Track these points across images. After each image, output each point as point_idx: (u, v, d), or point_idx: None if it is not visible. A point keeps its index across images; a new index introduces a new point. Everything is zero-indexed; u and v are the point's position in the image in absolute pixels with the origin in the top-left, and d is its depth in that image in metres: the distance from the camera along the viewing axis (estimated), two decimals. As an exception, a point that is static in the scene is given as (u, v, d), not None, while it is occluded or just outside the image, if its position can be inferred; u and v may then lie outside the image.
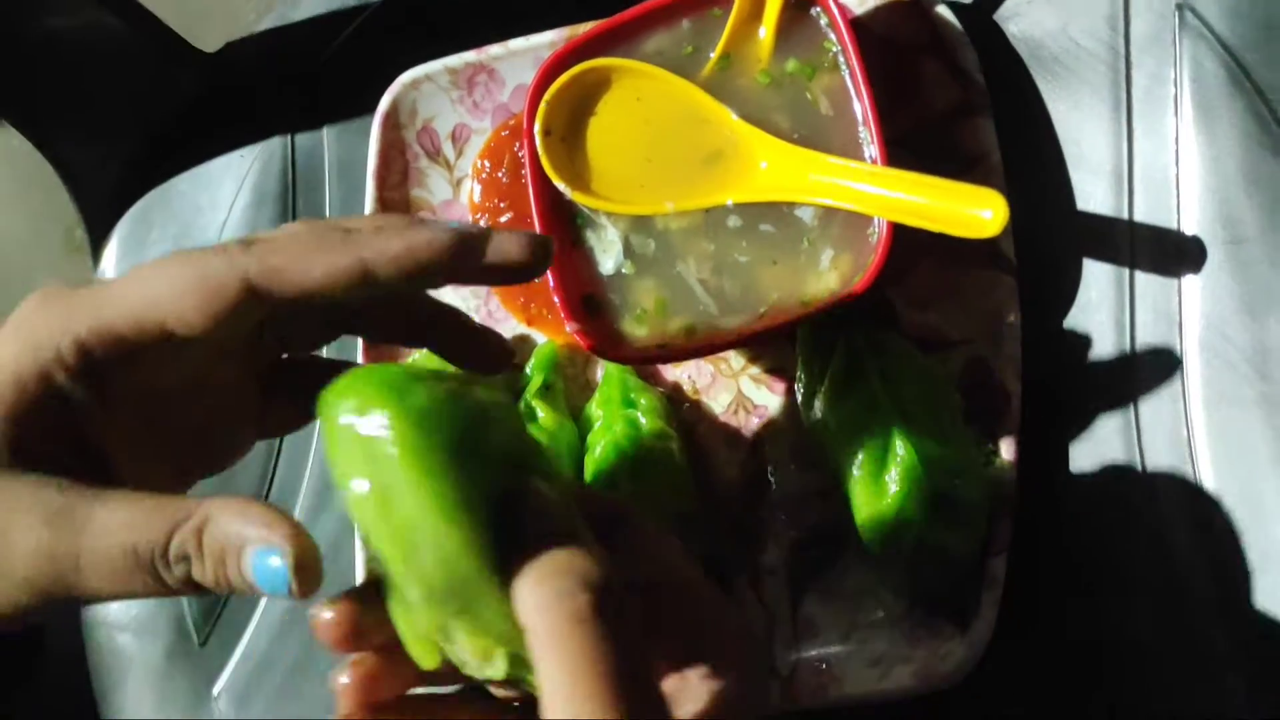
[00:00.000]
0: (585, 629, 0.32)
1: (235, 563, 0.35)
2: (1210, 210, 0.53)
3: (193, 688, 0.68)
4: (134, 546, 0.35)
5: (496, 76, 0.63)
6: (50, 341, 0.37)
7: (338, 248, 0.37)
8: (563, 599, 0.32)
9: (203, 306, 0.37)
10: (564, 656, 0.32)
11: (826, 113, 0.55)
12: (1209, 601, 0.53)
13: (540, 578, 0.33)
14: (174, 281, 0.37)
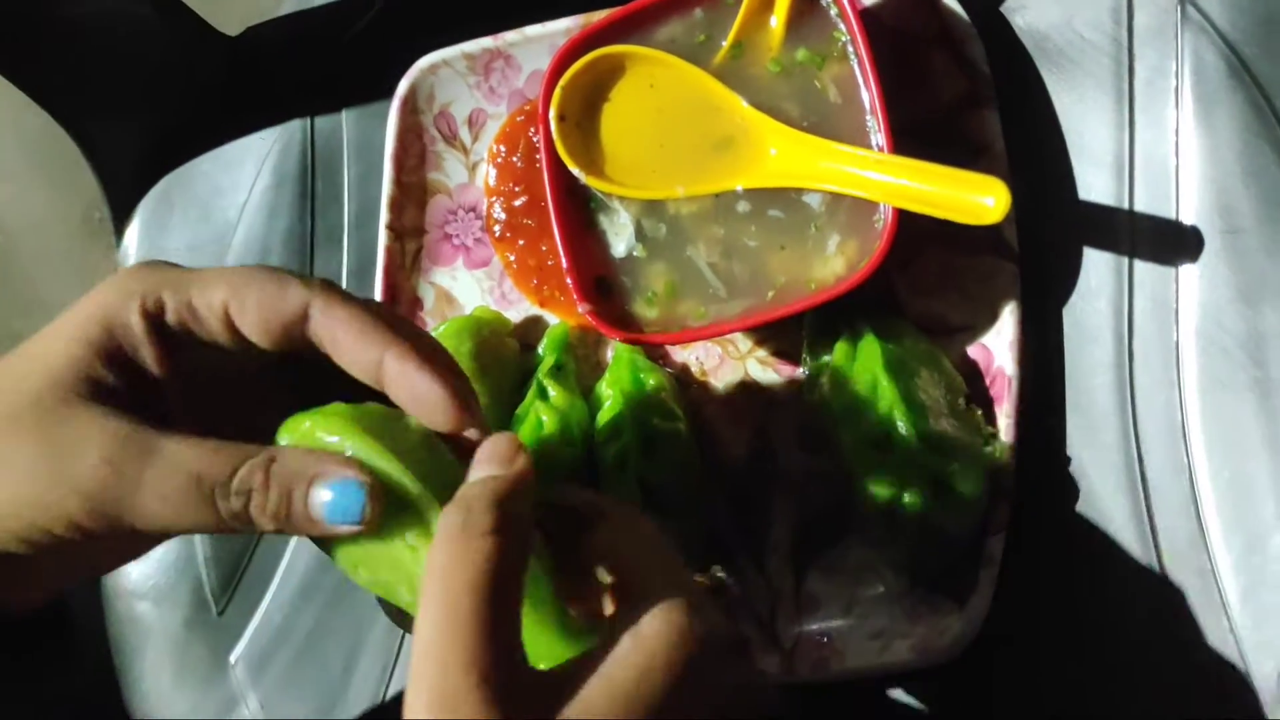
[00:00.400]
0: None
1: (303, 493, 0.39)
2: (1208, 200, 0.54)
3: (211, 656, 0.69)
4: (199, 475, 0.39)
5: (513, 62, 0.64)
6: (140, 296, 0.41)
7: (387, 347, 0.41)
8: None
9: (262, 313, 0.41)
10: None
11: (835, 101, 0.56)
12: (1203, 584, 0.54)
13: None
14: (252, 287, 0.41)
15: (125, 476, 0.39)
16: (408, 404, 0.41)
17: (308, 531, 0.40)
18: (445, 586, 0.35)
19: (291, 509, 0.39)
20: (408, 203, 0.66)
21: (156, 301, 0.41)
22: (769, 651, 0.58)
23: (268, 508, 0.39)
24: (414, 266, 0.66)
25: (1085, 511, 0.56)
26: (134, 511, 0.39)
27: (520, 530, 0.37)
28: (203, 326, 0.41)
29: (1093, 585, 0.56)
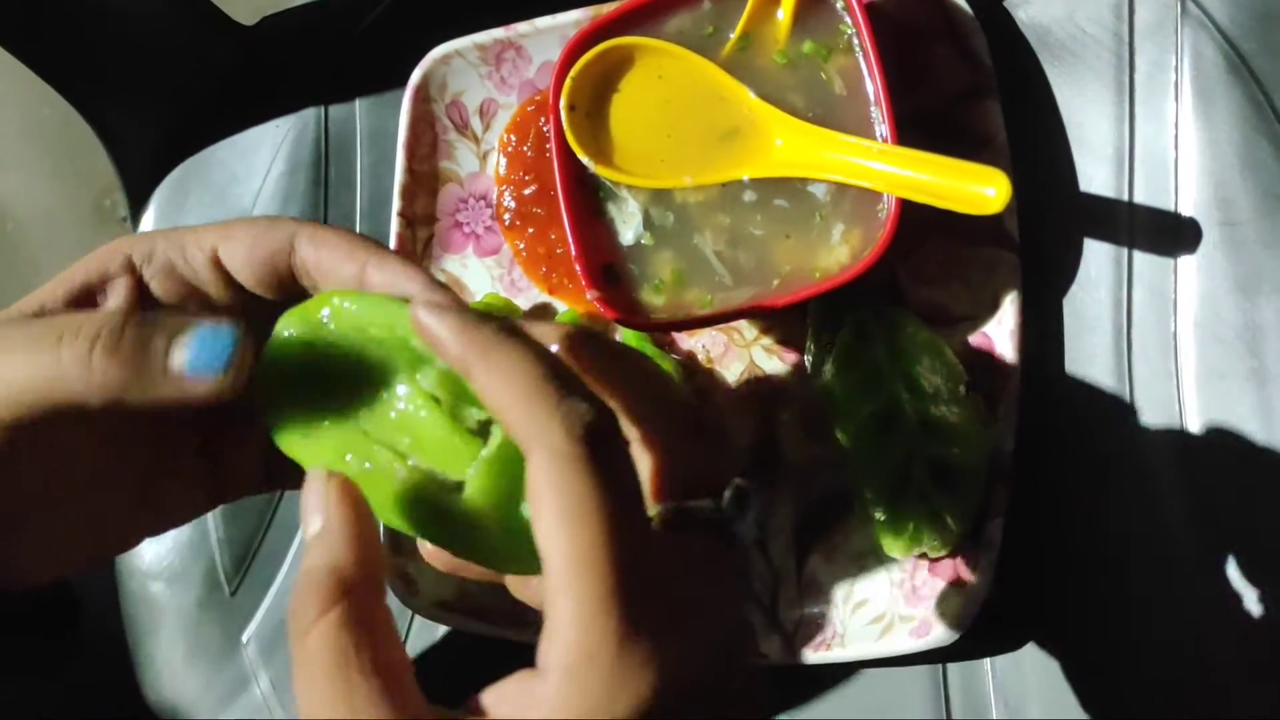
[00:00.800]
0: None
1: (163, 341, 0.37)
2: (1207, 193, 0.55)
3: (223, 635, 0.70)
4: (51, 325, 0.37)
5: (524, 53, 0.65)
6: (130, 247, 0.42)
7: (370, 258, 0.40)
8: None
9: (250, 252, 0.41)
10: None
11: (840, 93, 0.57)
12: (1198, 570, 0.54)
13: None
14: (241, 226, 0.42)
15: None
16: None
17: (163, 388, 0.37)
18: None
19: (146, 353, 0.37)
20: (419, 191, 0.67)
21: (147, 250, 0.41)
22: (771, 634, 0.59)
23: (117, 349, 0.37)
24: (425, 254, 0.67)
25: (1084, 496, 0.57)
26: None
27: (358, 594, 0.35)
28: (192, 267, 0.42)
29: (1091, 569, 0.57)
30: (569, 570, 0.31)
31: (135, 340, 0.37)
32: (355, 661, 0.33)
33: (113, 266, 0.41)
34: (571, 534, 0.31)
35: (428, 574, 0.63)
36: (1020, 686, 0.58)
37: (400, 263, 0.40)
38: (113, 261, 0.42)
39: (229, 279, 0.42)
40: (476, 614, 0.63)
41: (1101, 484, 0.57)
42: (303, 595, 0.34)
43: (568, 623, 0.31)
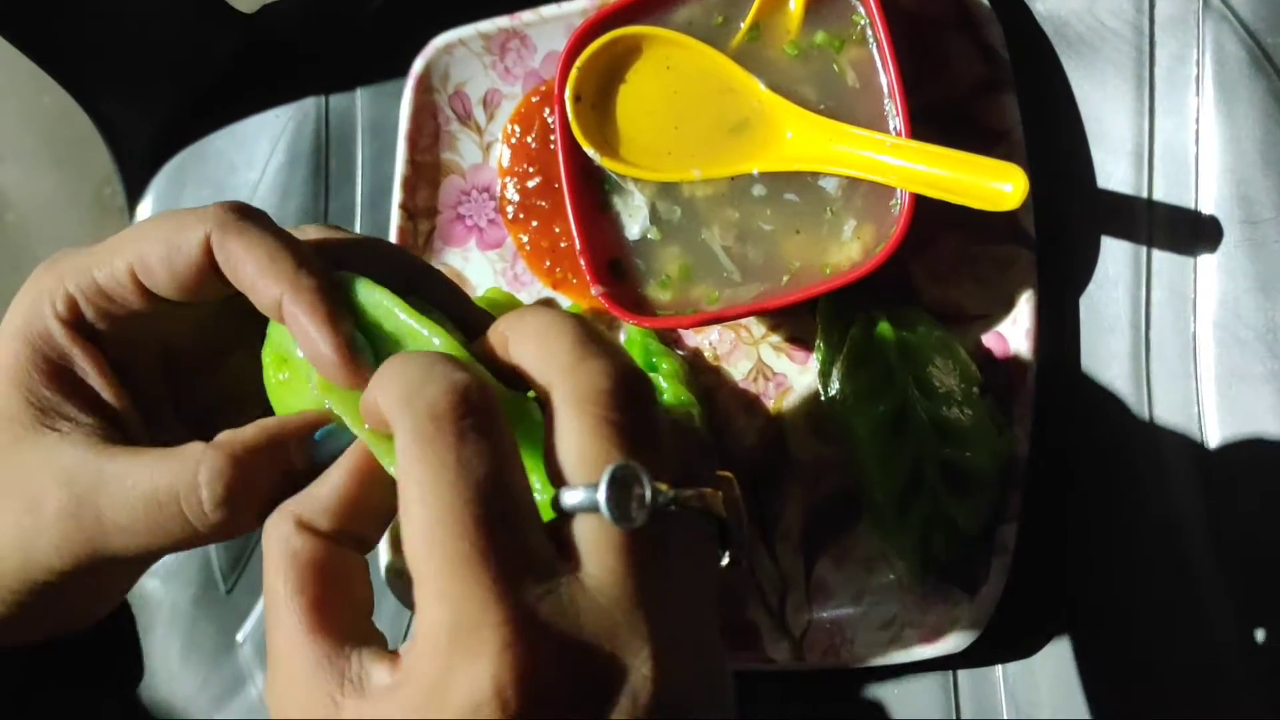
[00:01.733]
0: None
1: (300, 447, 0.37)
2: (1228, 190, 0.54)
3: (219, 634, 0.70)
4: (153, 491, 0.36)
5: (528, 42, 0.64)
6: (48, 300, 0.38)
7: (281, 277, 0.37)
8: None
9: (167, 267, 0.37)
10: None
11: (853, 85, 0.56)
12: (1216, 577, 0.53)
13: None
14: (149, 240, 0.38)
15: (85, 514, 0.37)
16: (305, 353, 0.37)
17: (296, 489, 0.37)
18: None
19: (290, 474, 0.36)
20: (421, 183, 0.66)
21: (66, 298, 0.38)
22: (779, 639, 0.58)
23: (246, 499, 0.36)
24: (426, 247, 0.66)
25: (1099, 501, 0.56)
26: (107, 546, 0.37)
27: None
28: (117, 303, 0.39)
29: (1106, 574, 0.56)
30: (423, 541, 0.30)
31: (262, 485, 0.37)
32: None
33: (57, 335, 0.39)
34: (422, 509, 0.30)
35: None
36: (1032, 693, 0.57)
37: (309, 314, 0.36)
38: (52, 330, 0.39)
39: (163, 301, 0.39)
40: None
41: (1118, 487, 0.56)
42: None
43: (426, 600, 0.30)
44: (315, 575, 0.33)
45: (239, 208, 0.38)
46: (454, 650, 0.29)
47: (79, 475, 0.37)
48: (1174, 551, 0.54)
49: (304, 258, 0.37)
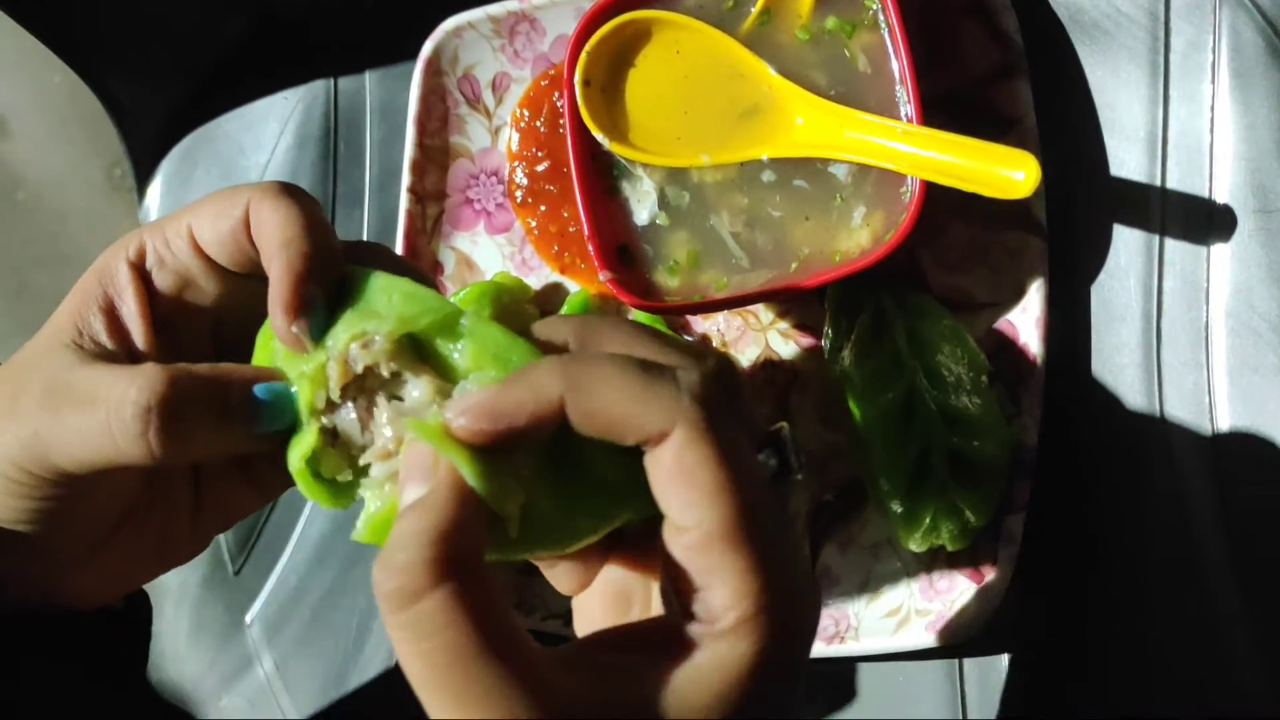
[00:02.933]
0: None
1: (236, 399, 0.38)
2: (1242, 179, 0.54)
3: (227, 615, 0.70)
4: (94, 392, 0.38)
5: (538, 26, 0.64)
6: (125, 244, 0.41)
7: (280, 238, 0.39)
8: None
9: (214, 228, 0.40)
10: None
11: (864, 70, 0.56)
12: (1224, 567, 0.53)
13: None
14: (209, 201, 0.40)
15: (46, 418, 0.38)
16: (269, 307, 0.39)
17: (233, 442, 0.38)
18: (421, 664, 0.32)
19: (211, 416, 0.37)
20: (430, 166, 0.66)
21: (139, 244, 0.41)
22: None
23: (175, 427, 0.37)
24: (435, 231, 0.66)
25: (1108, 491, 0.56)
26: (54, 446, 0.38)
27: (473, 566, 0.33)
28: (175, 257, 0.41)
29: (1115, 564, 0.56)
30: (730, 533, 0.33)
31: (189, 416, 0.37)
32: (480, 643, 0.31)
33: (120, 273, 0.41)
34: (735, 496, 0.33)
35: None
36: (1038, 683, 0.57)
37: (281, 270, 0.38)
38: (117, 267, 0.41)
39: (211, 261, 0.41)
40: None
41: (1127, 478, 0.56)
42: (407, 561, 0.32)
43: (741, 576, 0.33)
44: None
45: (287, 185, 0.40)
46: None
47: (59, 374, 0.39)
48: (1183, 541, 0.54)
49: (316, 230, 0.39)
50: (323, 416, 0.38)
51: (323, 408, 0.38)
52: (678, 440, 0.33)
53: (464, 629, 0.31)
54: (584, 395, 0.34)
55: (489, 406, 0.34)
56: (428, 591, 0.31)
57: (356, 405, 0.38)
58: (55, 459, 0.38)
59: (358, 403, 0.38)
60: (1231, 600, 0.53)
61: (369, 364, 0.37)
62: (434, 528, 0.32)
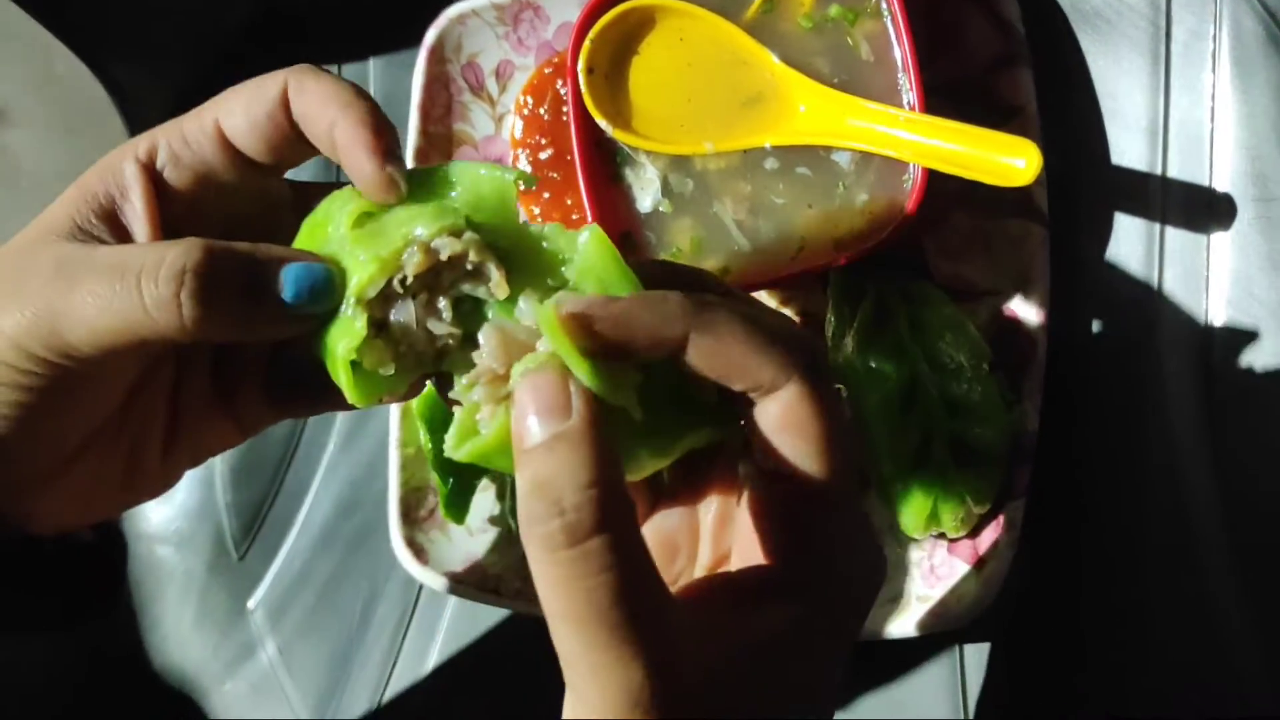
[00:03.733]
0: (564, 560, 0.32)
1: (264, 274, 0.37)
2: (1242, 167, 0.54)
3: (230, 601, 0.70)
4: (124, 263, 0.37)
5: (542, 13, 0.64)
6: (134, 144, 0.40)
7: (340, 116, 0.38)
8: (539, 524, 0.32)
9: (247, 115, 0.40)
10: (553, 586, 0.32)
11: (867, 58, 0.56)
12: (1223, 554, 0.53)
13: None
14: (238, 92, 0.40)
15: (61, 289, 0.37)
16: (353, 176, 0.39)
17: (264, 318, 0.37)
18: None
19: (243, 292, 0.37)
20: (433, 153, 0.66)
21: (149, 142, 0.40)
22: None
23: (212, 293, 0.36)
24: (438, 218, 0.66)
25: (1108, 479, 0.56)
26: (68, 318, 0.37)
27: (629, 503, 0.33)
28: (194, 152, 0.40)
29: (1113, 553, 0.56)
30: (845, 478, 0.36)
31: (227, 283, 0.37)
32: (642, 580, 0.32)
33: (127, 171, 0.40)
34: (839, 450, 0.36)
35: (439, 545, 0.63)
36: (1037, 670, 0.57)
37: (355, 135, 0.38)
38: (124, 166, 0.40)
39: (236, 154, 0.40)
40: (487, 587, 0.62)
41: (1127, 465, 0.56)
42: (579, 500, 0.32)
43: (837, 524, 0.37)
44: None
45: (316, 68, 0.40)
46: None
47: (73, 254, 0.38)
48: (1182, 529, 0.54)
49: (366, 95, 0.39)
50: (375, 307, 0.37)
51: (375, 297, 0.37)
52: (792, 394, 0.35)
53: (629, 566, 0.32)
54: (710, 336, 0.35)
55: (617, 313, 0.34)
56: (596, 530, 0.32)
57: (417, 301, 0.37)
58: (68, 334, 0.37)
59: (418, 299, 0.37)
60: (1229, 588, 0.53)
61: (455, 253, 0.36)
62: (594, 464, 0.32)
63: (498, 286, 0.37)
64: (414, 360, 0.38)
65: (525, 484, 0.33)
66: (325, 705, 0.68)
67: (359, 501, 0.68)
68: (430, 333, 0.37)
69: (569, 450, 0.32)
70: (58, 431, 0.40)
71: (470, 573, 0.62)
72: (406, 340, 0.37)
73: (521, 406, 0.34)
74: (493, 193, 0.38)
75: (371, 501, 0.68)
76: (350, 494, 0.69)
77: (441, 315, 0.37)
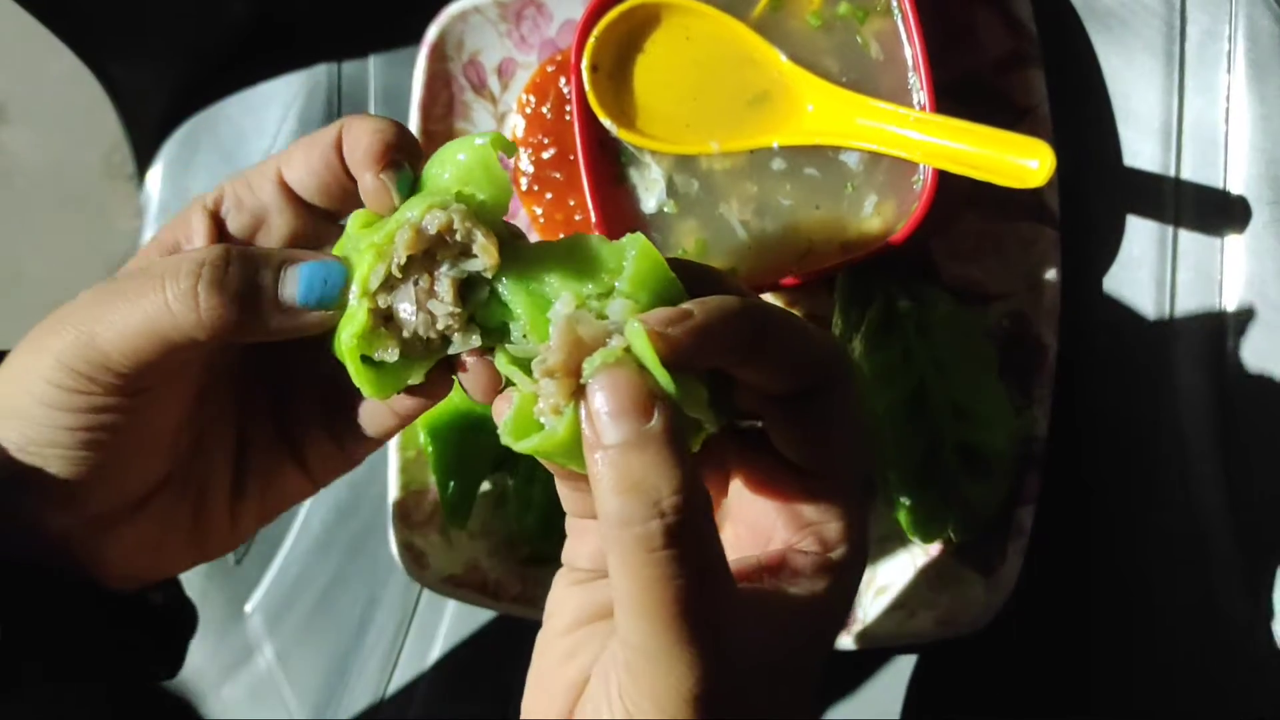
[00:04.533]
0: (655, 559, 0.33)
1: (271, 272, 0.39)
2: (1257, 170, 0.53)
3: (227, 605, 0.69)
4: (149, 267, 0.39)
5: (545, 11, 0.63)
6: (205, 198, 0.43)
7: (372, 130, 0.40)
8: (634, 526, 0.33)
9: (305, 161, 0.42)
10: (635, 587, 0.33)
11: (876, 57, 0.55)
12: (1234, 564, 0.53)
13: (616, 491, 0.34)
14: (297, 144, 0.42)
15: (100, 302, 0.39)
16: (360, 188, 0.41)
17: (274, 321, 0.39)
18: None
19: (255, 287, 0.38)
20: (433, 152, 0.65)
21: (218, 195, 0.43)
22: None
23: (226, 283, 0.38)
24: (439, 218, 0.65)
25: (1118, 485, 0.56)
26: (101, 324, 0.38)
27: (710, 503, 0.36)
28: (255, 197, 0.42)
29: (1123, 561, 0.55)
30: (856, 483, 0.39)
31: (241, 275, 0.38)
32: (723, 579, 0.35)
33: (194, 219, 0.42)
34: (864, 458, 0.42)
35: (437, 548, 0.62)
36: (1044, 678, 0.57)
37: (368, 142, 0.40)
38: (193, 215, 0.43)
39: (293, 197, 0.42)
40: (485, 590, 0.61)
41: (1139, 472, 0.55)
42: (676, 502, 0.33)
43: (854, 515, 0.39)
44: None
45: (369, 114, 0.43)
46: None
47: (115, 278, 0.41)
48: (1193, 536, 0.54)
49: (405, 129, 0.41)
50: (379, 297, 0.38)
51: (379, 286, 0.38)
52: (845, 395, 0.38)
53: (711, 567, 0.34)
54: (775, 340, 0.36)
55: (700, 327, 0.35)
56: (692, 531, 0.33)
57: (419, 287, 0.38)
58: (103, 343, 0.38)
59: (419, 285, 0.38)
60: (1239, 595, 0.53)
61: (443, 226, 0.37)
62: (682, 466, 0.33)
63: (483, 250, 0.37)
64: (421, 347, 0.39)
65: (615, 481, 0.33)
66: (323, 709, 0.67)
67: (357, 505, 0.68)
68: (432, 314, 0.38)
69: (659, 450, 0.33)
70: (119, 466, 0.41)
71: (470, 576, 0.62)
72: (411, 326, 0.38)
73: (600, 401, 0.34)
74: (476, 163, 0.39)
75: (370, 505, 0.67)
76: (349, 497, 0.68)
77: (441, 297, 0.38)
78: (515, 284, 0.38)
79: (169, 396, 0.42)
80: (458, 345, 0.38)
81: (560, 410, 0.34)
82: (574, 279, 0.37)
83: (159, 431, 0.42)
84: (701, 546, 0.34)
